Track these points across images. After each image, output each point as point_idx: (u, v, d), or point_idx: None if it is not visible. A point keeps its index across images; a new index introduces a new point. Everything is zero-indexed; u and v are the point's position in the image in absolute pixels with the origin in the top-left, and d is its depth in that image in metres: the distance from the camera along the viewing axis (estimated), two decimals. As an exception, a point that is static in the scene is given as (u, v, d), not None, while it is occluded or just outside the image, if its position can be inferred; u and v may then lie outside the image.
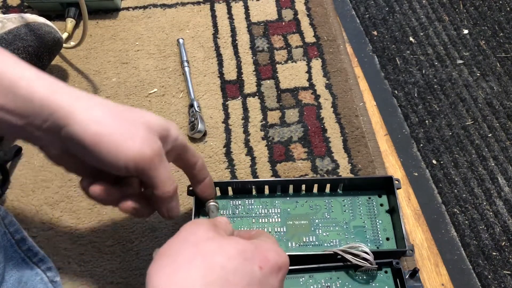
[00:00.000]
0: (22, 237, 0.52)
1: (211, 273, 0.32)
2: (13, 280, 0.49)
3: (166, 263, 0.33)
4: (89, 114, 0.37)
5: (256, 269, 0.34)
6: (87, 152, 0.37)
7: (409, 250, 0.49)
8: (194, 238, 0.35)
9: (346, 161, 0.62)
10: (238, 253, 0.34)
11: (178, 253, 0.33)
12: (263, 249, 0.36)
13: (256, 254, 0.35)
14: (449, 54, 0.76)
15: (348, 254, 0.48)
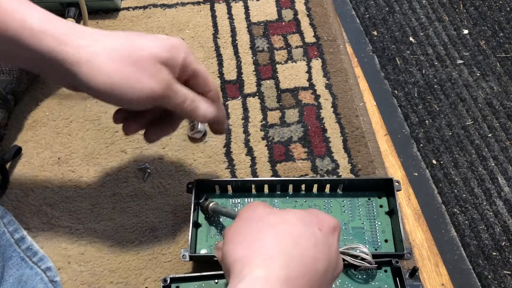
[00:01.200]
0: (21, 237, 0.52)
1: (281, 239, 0.35)
2: (12, 280, 0.49)
3: (241, 239, 0.36)
4: (95, 66, 0.38)
5: (317, 231, 0.37)
6: (102, 99, 0.40)
7: (407, 253, 0.49)
8: (256, 215, 0.38)
9: (346, 161, 0.62)
10: (298, 220, 0.37)
11: (248, 229, 0.37)
12: (317, 214, 0.39)
13: (313, 219, 0.38)
14: (449, 54, 0.76)
15: (346, 256, 0.48)
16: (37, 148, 0.63)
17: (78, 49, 0.38)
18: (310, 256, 0.35)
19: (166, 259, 0.54)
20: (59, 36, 0.38)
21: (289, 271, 0.33)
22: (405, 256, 0.49)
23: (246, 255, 0.34)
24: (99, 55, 0.38)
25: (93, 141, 0.63)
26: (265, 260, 0.33)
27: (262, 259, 0.33)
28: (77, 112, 0.66)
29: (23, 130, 0.64)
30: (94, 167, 0.61)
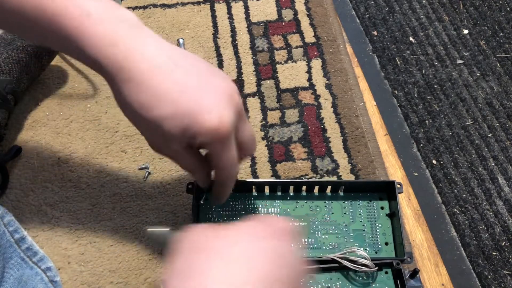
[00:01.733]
0: (21, 237, 0.52)
1: (234, 266, 0.31)
2: (12, 280, 0.49)
3: (186, 277, 0.31)
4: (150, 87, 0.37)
5: (272, 242, 0.34)
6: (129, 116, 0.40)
7: (407, 257, 0.49)
8: (200, 243, 0.34)
9: (346, 161, 0.62)
10: (250, 235, 0.34)
11: (193, 262, 0.32)
12: (267, 221, 0.36)
13: (265, 229, 0.35)
14: (449, 54, 0.76)
15: (345, 261, 0.48)
16: (37, 148, 0.63)
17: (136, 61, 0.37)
18: (271, 274, 0.32)
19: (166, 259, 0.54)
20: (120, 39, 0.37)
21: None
22: (405, 261, 0.49)
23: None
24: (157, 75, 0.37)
25: (93, 141, 0.63)
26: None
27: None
28: (77, 112, 0.66)
29: (23, 130, 0.64)
30: (94, 167, 0.61)
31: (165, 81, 0.37)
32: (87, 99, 0.67)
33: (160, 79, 0.37)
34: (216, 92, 0.38)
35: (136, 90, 0.36)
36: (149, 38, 0.38)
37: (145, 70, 0.36)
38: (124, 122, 0.65)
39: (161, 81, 0.37)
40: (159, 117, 0.36)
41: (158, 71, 0.37)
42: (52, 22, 0.37)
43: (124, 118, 0.65)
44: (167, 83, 0.37)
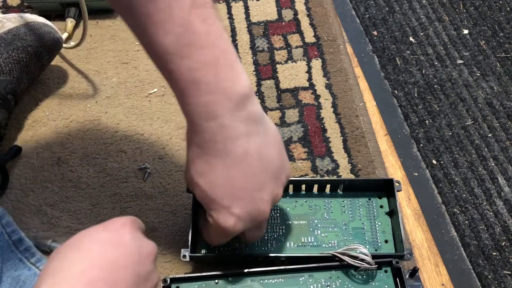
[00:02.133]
0: (19, 238, 0.52)
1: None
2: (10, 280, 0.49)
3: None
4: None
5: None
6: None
7: (407, 254, 0.49)
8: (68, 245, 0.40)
9: (346, 161, 0.62)
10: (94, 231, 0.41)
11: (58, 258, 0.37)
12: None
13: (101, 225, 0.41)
14: (449, 54, 0.76)
15: (346, 256, 0.48)
16: (37, 148, 0.63)
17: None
18: (108, 258, 0.36)
19: (166, 259, 0.54)
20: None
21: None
22: (405, 257, 0.49)
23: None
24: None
25: (93, 141, 0.63)
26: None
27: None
28: (77, 112, 0.66)
29: (23, 130, 0.64)
30: (94, 167, 0.61)
31: (225, 173, 0.40)
32: (87, 99, 0.67)
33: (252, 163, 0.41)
34: (249, 206, 0.42)
35: (229, 167, 0.40)
36: (244, 120, 0.40)
37: (223, 153, 0.40)
38: (124, 122, 0.65)
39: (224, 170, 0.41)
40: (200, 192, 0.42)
41: (229, 157, 0.40)
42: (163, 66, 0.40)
43: (124, 118, 0.65)
44: (225, 176, 0.41)
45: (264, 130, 0.42)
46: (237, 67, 0.39)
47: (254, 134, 0.40)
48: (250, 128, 0.40)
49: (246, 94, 0.40)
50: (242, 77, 0.40)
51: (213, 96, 0.38)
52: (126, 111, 0.66)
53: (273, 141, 0.43)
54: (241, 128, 0.39)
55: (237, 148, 0.40)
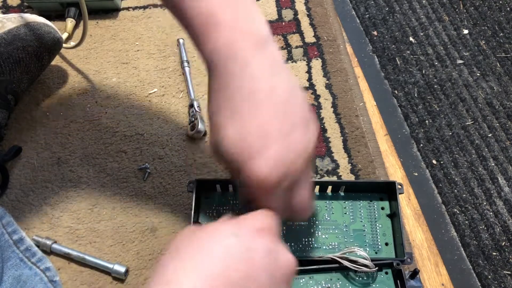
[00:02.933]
0: (20, 237, 0.52)
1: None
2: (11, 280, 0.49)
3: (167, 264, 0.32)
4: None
5: (231, 237, 0.33)
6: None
7: (408, 258, 0.49)
8: (183, 240, 0.34)
9: (346, 161, 0.62)
10: (222, 232, 0.34)
11: (175, 254, 0.33)
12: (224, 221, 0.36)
13: (224, 225, 0.35)
14: (449, 54, 0.76)
15: (345, 260, 0.48)
16: (37, 148, 0.63)
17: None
18: (235, 270, 0.31)
19: (166, 259, 0.54)
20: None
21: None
22: (405, 261, 0.49)
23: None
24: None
25: (93, 141, 0.63)
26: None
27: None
28: (77, 112, 0.66)
29: (23, 130, 0.64)
30: (94, 167, 0.61)
31: (253, 114, 0.37)
32: (87, 99, 0.67)
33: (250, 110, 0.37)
34: (284, 147, 0.37)
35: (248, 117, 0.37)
36: (266, 60, 0.38)
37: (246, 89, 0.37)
38: (124, 122, 0.65)
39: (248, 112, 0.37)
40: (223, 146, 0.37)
41: (255, 96, 0.37)
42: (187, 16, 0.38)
43: (124, 119, 0.65)
44: (253, 117, 0.37)
45: (288, 74, 0.39)
46: (255, 11, 0.38)
47: (279, 74, 0.38)
48: (274, 69, 0.37)
49: (266, 36, 0.38)
50: (261, 20, 0.38)
51: (234, 34, 0.36)
52: (126, 111, 0.66)
53: (298, 86, 0.40)
54: (266, 67, 0.37)
55: (263, 85, 0.36)
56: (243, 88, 0.36)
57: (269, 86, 0.37)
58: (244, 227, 0.34)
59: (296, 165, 0.37)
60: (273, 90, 0.37)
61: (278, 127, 0.36)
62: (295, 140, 0.37)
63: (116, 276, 0.53)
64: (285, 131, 0.37)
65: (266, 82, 0.37)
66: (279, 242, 0.35)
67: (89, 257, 0.54)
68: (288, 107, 0.37)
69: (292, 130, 0.37)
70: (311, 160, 0.39)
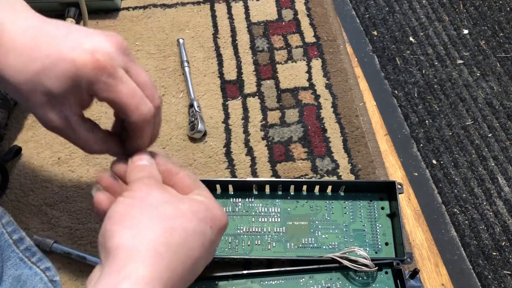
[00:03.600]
0: (20, 237, 0.52)
1: (173, 235, 0.33)
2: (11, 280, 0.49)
3: (130, 225, 0.33)
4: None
5: (208, 229, 0.36)
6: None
7: (407, 258, 0.49)
8: (152, 201, 0.35)
9: (346, 161, 0.62)
10: (193, 214, 0.35)
11: (141, 215, 0.34)
12: (212, 209, 0.37)
13: (208, 215, 0.36)
14: (449, 54, 0.76)
15: (345, 260, 0.48)
16: (37, 148, 0.63)
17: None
18: (194, 257, 0.34)
19: (166, 259, 0.54)
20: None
21: (173, 272, 0.32)
22: (405, 261, 0.49)
23: (133, 245, 0.32)
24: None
25: (93, 141, 0.63)
26: (153, 257, 0.32)
27: (150, 255, 0.32)
28: (77, 112, 0.66)
29: (23, 130, 0.64)
30: (94, 167, 0.61)
31: (36, 37, 0.35)
32: (87, 99, 0.67)
33: (31, 37, 0.35)
34: (90, 34, 0.35)
35: (6, 53, 0.34)
36: (24, 11, 0.37)
37: (17, 32, 0.35)
38: (124, 122, 0.65)
39: (32, 37, 0.35)
40: (33, 73, 0.34)
41: (31, 30, 0.35)
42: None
43: (124, 118, 0.65)
44: (38, 38, 0.35)
45: (59, 21, 0.38)
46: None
47: (46, 20, 0.37)
48: (40, 17, 0.37)
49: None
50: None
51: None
52: (126, 111, 0.66)
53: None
54: (28, 15, 0.37)
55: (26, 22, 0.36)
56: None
57: None
58: (217, 221, 0.37)
59: (116, 38, 0.36)
60: None
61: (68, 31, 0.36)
62: (91, 31, 0.36)
63: (116, 276, 0.53)
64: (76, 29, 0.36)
65: None
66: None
67: (89, 257, 0.54)
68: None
69: (84, 30, 0.36)
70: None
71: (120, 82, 0.36)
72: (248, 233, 0.53)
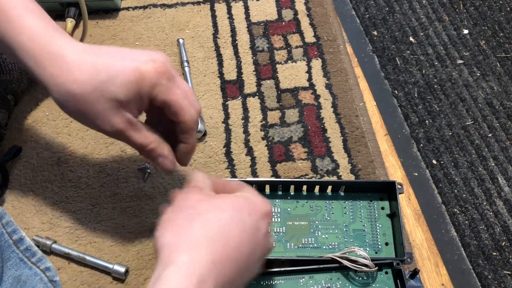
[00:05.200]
0: (20, 237, 0.52)
1: (209, 226, 0.37)
2: (11, 280, 0.49)
3: (170, 226, 0.37)
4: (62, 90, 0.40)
5: (246, 216, 0.39)
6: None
7: (408, 258, 0.49)
8: (188, 203, 0.39)
9: (346, 161, 0.62)
10: (228, 206, 0.39)
11: (178, 216, 0.38)
12: (249, 199, 0.41)
13: (244, 204, 0.40)
14: (449, 54, 0.76)
15: (345, 260, 0.48)
16: (37, 148, 0.63)
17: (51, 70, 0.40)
18: (236, 241, 0.37)
19: (166, 259, 0.54)
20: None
21: (215, 256, 0.35)
22: (405, 261, 0.49)
23: (174, 242, 0.36)
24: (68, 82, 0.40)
25: (93, 141, 0.63)
26: (192, 246, 0.35)
27: (189, 246, 0.35)
28: (77, 112, 0.66)
29: (23, 130, 0.64)
30: (94, 167, 0.61)
31: (94, 55, 0.41)
32: (87, 99, 0.67)
33: (89, 56, 0.41)
34: (143, 51, 0.42)
35: (69, 71, 0.40)
36: (75, 41, 0.42)
37: (75, 54, 0.40)
38: (124, 122, 0.65)
39: (91, 56, 0.41)
40: (98, 83, 0.39)
41: (87, 52, 0.41)
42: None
43: (124, 118, 0.65)
44: (96, 56, 0.41)
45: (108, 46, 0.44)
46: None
47: (97, 46, 0.43)
48: (91, 45, 0.43)
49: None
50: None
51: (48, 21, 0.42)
52: (126, 111, 0.66)
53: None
54: (80, 44, 0.42)
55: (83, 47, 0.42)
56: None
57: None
58: (253, 207, 0.40)
59: (165, 58, 0.43)
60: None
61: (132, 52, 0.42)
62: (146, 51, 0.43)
63: (116, 276, 0.53)
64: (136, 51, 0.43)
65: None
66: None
67: (89, 257, 0.54)
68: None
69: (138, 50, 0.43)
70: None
71: (176, 86, 0.42)
72: (248, 233, 0.53)
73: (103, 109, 0.40)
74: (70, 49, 0.40)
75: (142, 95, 0.41)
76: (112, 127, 0.41)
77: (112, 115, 0.41)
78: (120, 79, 0.39)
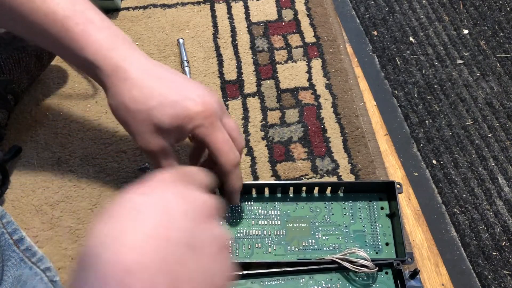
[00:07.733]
0: (20, 237, 0.52)
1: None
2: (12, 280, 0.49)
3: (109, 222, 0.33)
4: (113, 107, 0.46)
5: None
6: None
7: (408, 258, 0.49)
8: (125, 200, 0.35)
9: (346, 161, 0.62)
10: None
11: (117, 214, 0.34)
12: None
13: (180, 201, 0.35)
14: (449, 54, 0.76)
15: (346, 262, 0.48)
16: (37, 148, 0.63)
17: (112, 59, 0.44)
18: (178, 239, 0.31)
19: (166, 260, 0.54)
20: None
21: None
22: (406, 261, 0.49)
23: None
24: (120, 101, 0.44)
25: (93, 141, 0.63)
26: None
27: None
28: (77, 112, 0.66)
29: (23, 130, 0.64)
30: (94, 167, 0.61)
31: (155, 81, 0.44)
32: (87, 99, 0.67)
33: (150, 79, 0.44)
34: (198, 88, 0.45)
35: (130, 87, 0.43)
36: (138, 50, 0.46)
37: (138, 71, 0.44)
38: (124, 122, 0.65)
39: (151, 80, 0.44)
40: (150, 107, 0.43)
41: (149, 73, 0.44)
42: (60, 25, 0.43)
43: (124, 118, 0.65)
44: (156, 82, 0.44)
45: (168, 67, 0.47)
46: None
47: (158, 64, 0.46)
48: (152, 61, 0.46)
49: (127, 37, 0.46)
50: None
51: (109, 31, 0.45)
52: (126, 111, 0.66)
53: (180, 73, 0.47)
54: (142, 57, 0.45)
55: (149, 64, 0.45)
56: (125, 71, 0.44)
57: (143, 69, 0.45)
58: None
59: (216, 96, 0.46)
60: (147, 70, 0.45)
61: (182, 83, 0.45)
62: (198, 85, 0.46)
63: (116, 276, 0.53)
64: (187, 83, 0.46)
65: (144, 64, 0.45)
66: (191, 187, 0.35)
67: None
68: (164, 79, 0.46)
69: (191, 82, 0.46)
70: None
71: (219, 130, 0.44)
72: (248, 236, 0.53)
73: (145, 130, 0.44)
74: (134, 65, 0.44)
75: (184, 130, 0.43)
76: (146, 147, 0.44)
77: (150, 137, 0.44)
78: (169, 111, 0.42)
